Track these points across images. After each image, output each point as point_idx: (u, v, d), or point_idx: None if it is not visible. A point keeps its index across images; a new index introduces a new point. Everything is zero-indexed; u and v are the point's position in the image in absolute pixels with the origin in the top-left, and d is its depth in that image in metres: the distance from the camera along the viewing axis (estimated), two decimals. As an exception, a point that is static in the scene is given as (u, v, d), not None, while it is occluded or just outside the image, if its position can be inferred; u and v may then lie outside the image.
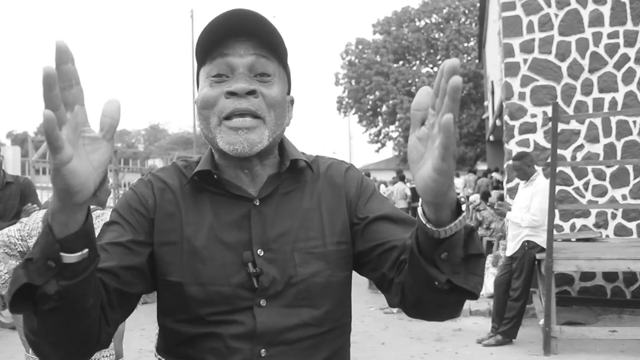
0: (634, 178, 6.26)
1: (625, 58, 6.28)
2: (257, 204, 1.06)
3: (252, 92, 1.00)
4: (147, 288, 1.05)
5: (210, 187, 1.07)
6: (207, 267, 1.02)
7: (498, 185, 13.26)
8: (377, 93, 28.83)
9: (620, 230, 6.29)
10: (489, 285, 6.85)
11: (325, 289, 1.05)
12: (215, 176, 1.06)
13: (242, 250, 1.03)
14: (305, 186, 1.11)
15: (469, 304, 6.68)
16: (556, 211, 5.31)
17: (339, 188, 1.12)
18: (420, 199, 0.85)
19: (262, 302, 1.02)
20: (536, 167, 5.46)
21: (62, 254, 0.80)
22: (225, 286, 1.01)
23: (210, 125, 1.02)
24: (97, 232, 2.50)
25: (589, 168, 6.35)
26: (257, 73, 1.03)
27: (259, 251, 1.03)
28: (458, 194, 15.26)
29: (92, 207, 2.43)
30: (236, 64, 1.01)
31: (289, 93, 1.12)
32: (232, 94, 0.99)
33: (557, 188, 5.85)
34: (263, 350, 1.01)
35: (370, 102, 29.43)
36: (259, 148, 1.01)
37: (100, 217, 2.37)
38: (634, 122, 6.25)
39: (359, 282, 6.94)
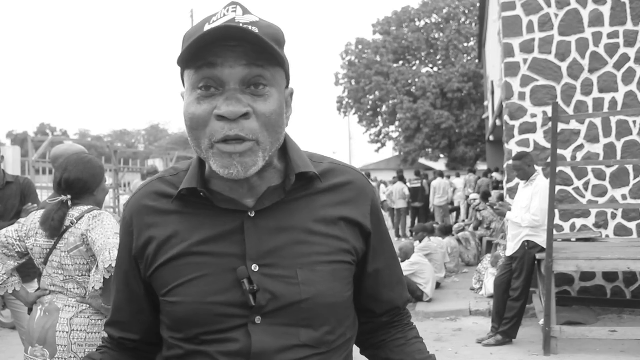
0: (634, 178, 6.26)
1: (625, 58, 6.28)
2: (252, 216, 0.98)
3: (244, 115, 0.90)
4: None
5: (199, 200, 1.01)
6: (198, 283, 0.97)
7: (498, 185, 13.26)
8: (377, 93, 28.83)
9: (620, 230, 6.29)
10: (489, 285, 6.85)
11: (329, 309, 1.00)
12: (201, 194, 0.99)
13: (235, 266, 0.96)
14: (312, 195, 1.03)
15: (469, 304, 6.68)
16: (556, 211, 5.31)
17: (354, 204, 1.06)
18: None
19: (257, 320, 0.95)
20: (536, 167, 5.46)
21: None
22: (216, 304, 0.95)
23: (201, 147, 0.93)
24: (94, 233, 2.48)
25: (589, 168, 6.34)
26: (251, 84, 0.92)
27: (253, 267, 0.96)
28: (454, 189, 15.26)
29: (89, 207, 2.43)
30: (226, 77, 0.90)
31: (287, 86, 1.02)
32: (222, 118, 0.90)
33: (557, 188, 5.85)
34: None
35: (370, 102, 29.43)
36: (253, 171, 0.93)
37: (98, 218, 2.35)
38: (634, 122, 6.25)
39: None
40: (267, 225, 0.99)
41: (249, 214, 0.98)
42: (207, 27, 0.92)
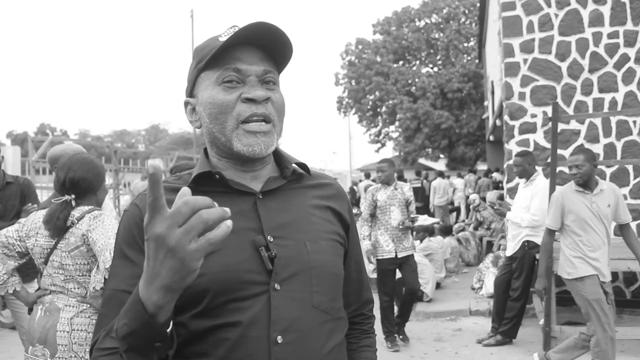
0: (634, 178, 6.26)
1: (625, 58, 6.28)
2: (261, 197, 1.11)
3: (266, 99, 1.08)
4: None
5: (211, 188, 1.10)
6: (221, 255, 1.03)
7: (498, 185, 13.26)
8: (377, 93, 28.83)
9: (620, 230, 6.28)
10: (489, 285, 6.85)
11: (333, 278, 1.12)
12: (217, 176, 1.10)
13: (252, 238, 1.06)
14: (306, 188, 1.19)
15: (469, 304, 6.68)
16: (556, 211, 5.30)
17: (335, 199, 1.23)
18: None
19: (277, 286, 1.04)
20: (536, 167, 5.46)
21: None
22: (239, 271, 1.03)
23: (225, 129, 1.08)
24: (95, 233, 2.48)
25: (589, 168, 6.34)
26: (265, 81, 1.10)
27: (269, 237, 1.07)
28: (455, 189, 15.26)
29: (90, 207, 2.43)
30: (249, 72, 1.08)
31: None
32: (250, 100, 1.07)
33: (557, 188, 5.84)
34: (279, 337, 1.01)
35: (370, 102, 29.43)
36: (271, 150, 1.10)
37: (98, 218, 2.36)
38: (634, 122, 6.25)
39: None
40: (274, 206, 1.12)
41: (258, 196, 1.11)
42: (221, 39, 1.07)
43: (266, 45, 1.08)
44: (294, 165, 1.18)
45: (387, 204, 5.28)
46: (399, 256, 5.20)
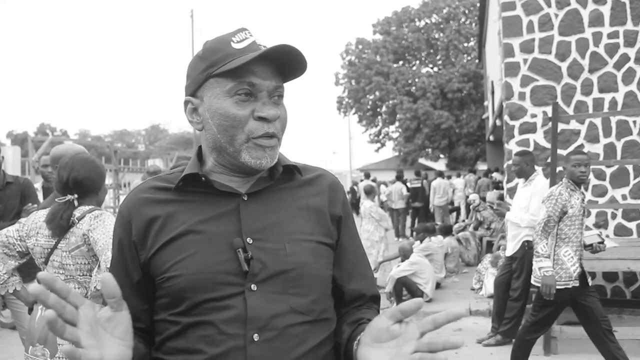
0: (634, 178, 6.26)
1: (625, 58, 6.28)
2: (246, 199, 1.13)
3: (277, 118, 1.12)
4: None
5: (197, 189, 1.14)
6: (198, 257, 1.07)
7: (498, 185, 13.26)
8: (377, 93, 28.85)
9: (620, 230, 6.29)
10: (489, 285, 6.85)
11: (314, 280, 1.12)
12: (203, 178, 1.13)
13: (231, 239, 1.08)
14: (295, 188, 1.20)
15: (469, 304, 6.68)
16: (556, 211, 5.30)
17: (326, 192, 1.22)
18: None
19: (253, 287, 1.06)
20: (536, 168, 5.45)
21: None
22: (216, 273, 1.06)
23: (235, 142, 1.10)
24: (96, 233, 2.47)
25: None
26: (275, 95, 1.13)
27: (248, 239, 1.08)
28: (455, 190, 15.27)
29: (90, 207, 2.43)
30: (262, 87, 1.10)
31: None
32: (262, 118, 1.10)
33: (557, 188, 5.83)
34: (256, 335, 1.04)
35: (370, 102, 29.44)
36: (274, 162, 1.14)
37: (99, 218, 2.36)
38: (634, 122, 6.25)
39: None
40: (259, 208, 1.14)
41: (243, 197, 1.14)
42: (235, 46, 1.10)
43: (279, 60, 1.10)
44: (285, 165, 1.19)
45: (580, 213, 3.95)
46: None
